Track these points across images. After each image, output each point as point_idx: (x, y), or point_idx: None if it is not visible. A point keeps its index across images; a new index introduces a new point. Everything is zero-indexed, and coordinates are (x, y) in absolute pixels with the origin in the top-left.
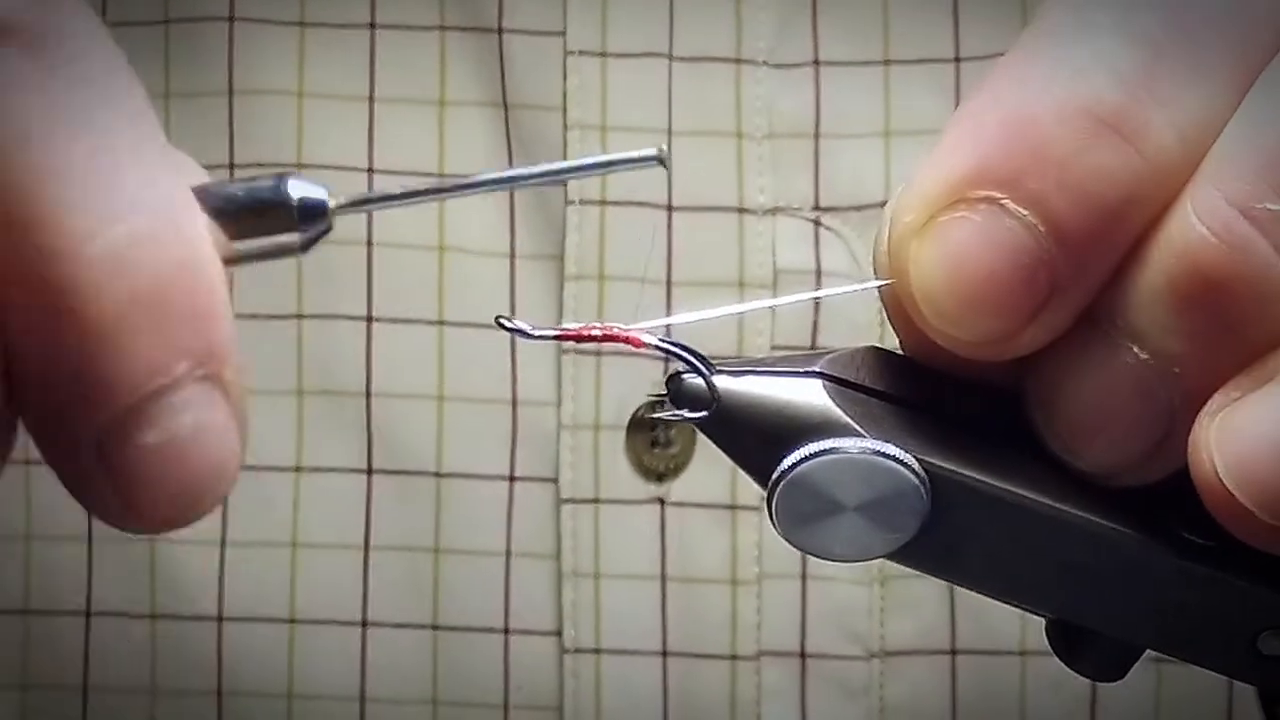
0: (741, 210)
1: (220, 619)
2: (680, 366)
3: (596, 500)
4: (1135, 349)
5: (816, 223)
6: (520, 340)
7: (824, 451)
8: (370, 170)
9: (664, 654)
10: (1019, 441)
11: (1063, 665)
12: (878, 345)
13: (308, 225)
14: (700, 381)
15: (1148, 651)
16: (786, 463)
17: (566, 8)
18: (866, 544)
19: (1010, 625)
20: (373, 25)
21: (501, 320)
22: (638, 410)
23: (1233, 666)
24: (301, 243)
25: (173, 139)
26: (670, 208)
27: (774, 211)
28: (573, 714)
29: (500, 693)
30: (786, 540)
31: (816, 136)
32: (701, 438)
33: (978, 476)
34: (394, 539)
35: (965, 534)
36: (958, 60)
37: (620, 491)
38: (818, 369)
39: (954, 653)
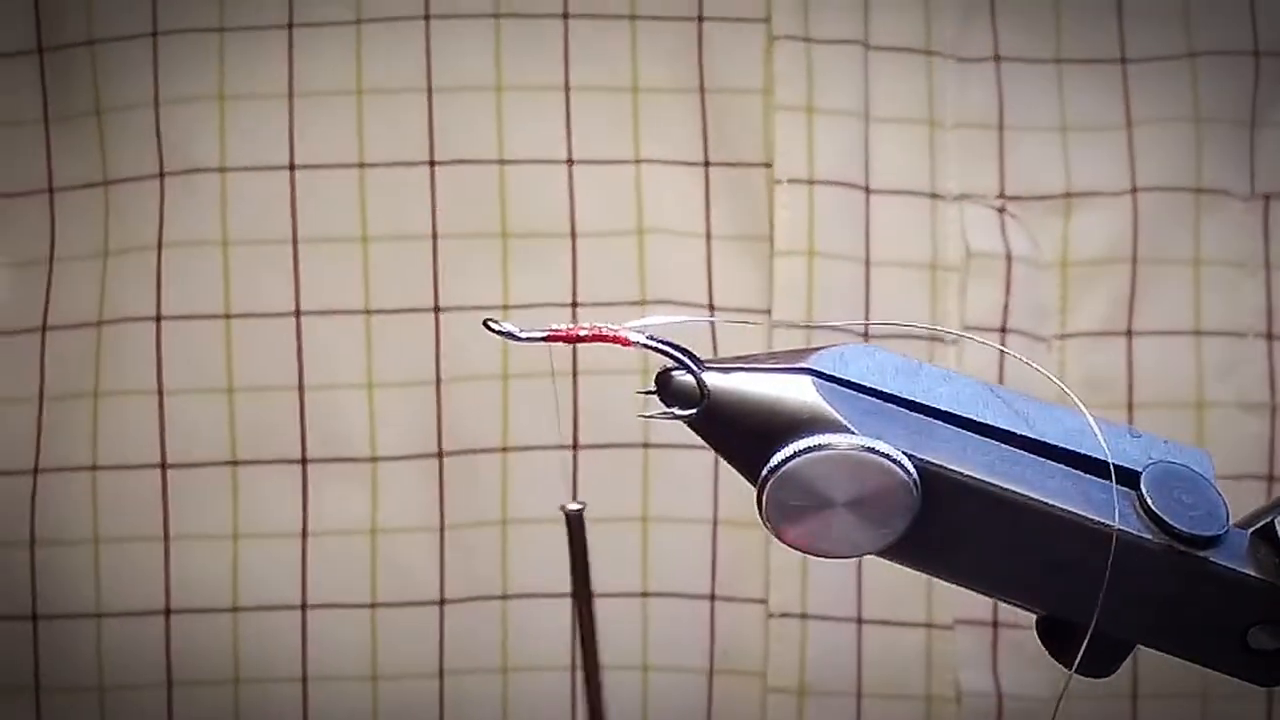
0: (934, 195)
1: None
2: (669, 363)
3: None
4: None
5: (1001, 210)
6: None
7: (814, 448)
8: (570, 162)
9: (859, 621)
10: (1009, 439)
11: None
12: (867, 343)
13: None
14: (690, 378)
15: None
16: (776, 459)
17: None
18: (857, 540)
19: None
20: (566, 15)
21: (489, 324)
22: None
23: (1222, 661)
24: None
25: (368, 134)
26: (868, 190)
27: (962, 198)
28: (776, 678)
29: (707, 657)
30: (777, 537)
31: (1000, 128)
32: None
33: (968, 473)
34: (601, 512)
35: (956, 530)
36: (1123, 62)
37: None
38: (807, 366)
39: None
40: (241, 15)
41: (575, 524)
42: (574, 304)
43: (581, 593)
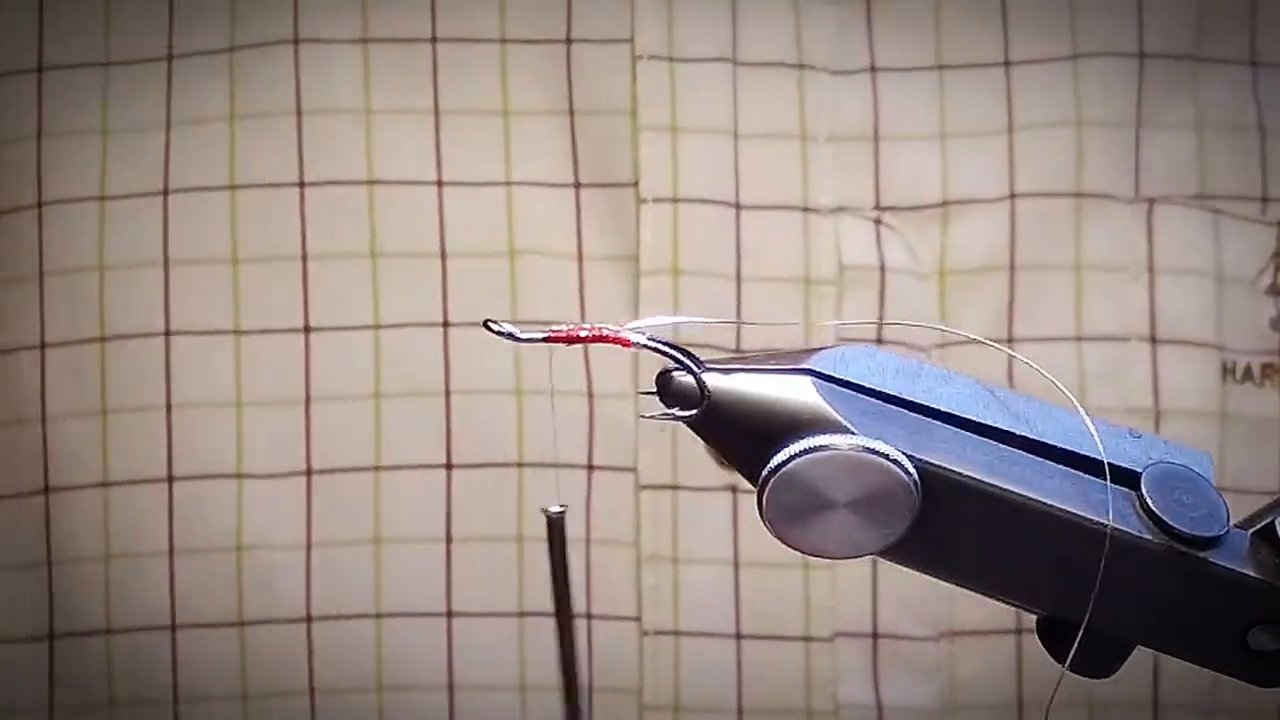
0: (806, 209)
1: (309, 620)
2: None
3: (674, 487)
4: None
5: (877, 221)
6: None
7: (814, 448)
8: (440, 184)
9: (738, 636)
10: (1009, 439)
11: None
12: (867, 344)
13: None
14: (690, 379)
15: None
16: (777, 460)
17: (635, 15)
18: (858, 541)
19: None
20: (434, 39)
21: (489, 324)
22: None
23: (1223, 661)
24: None
25: (239, 157)
26: (738, 206)
27: (837, 211)
28: (652, 695)
29: (585, 675)
30: (777, 537)
31: (876, 139)
32: None
33: (968, 474)
34: (475, 530)
35: (956, 531)
36: (1007, 65)
37: (696, 479)
38: (807, 366)
39: (1019, 632)
40: (122, 49)
41: (555, 528)
42: (445, 324)
43: (562, 596)
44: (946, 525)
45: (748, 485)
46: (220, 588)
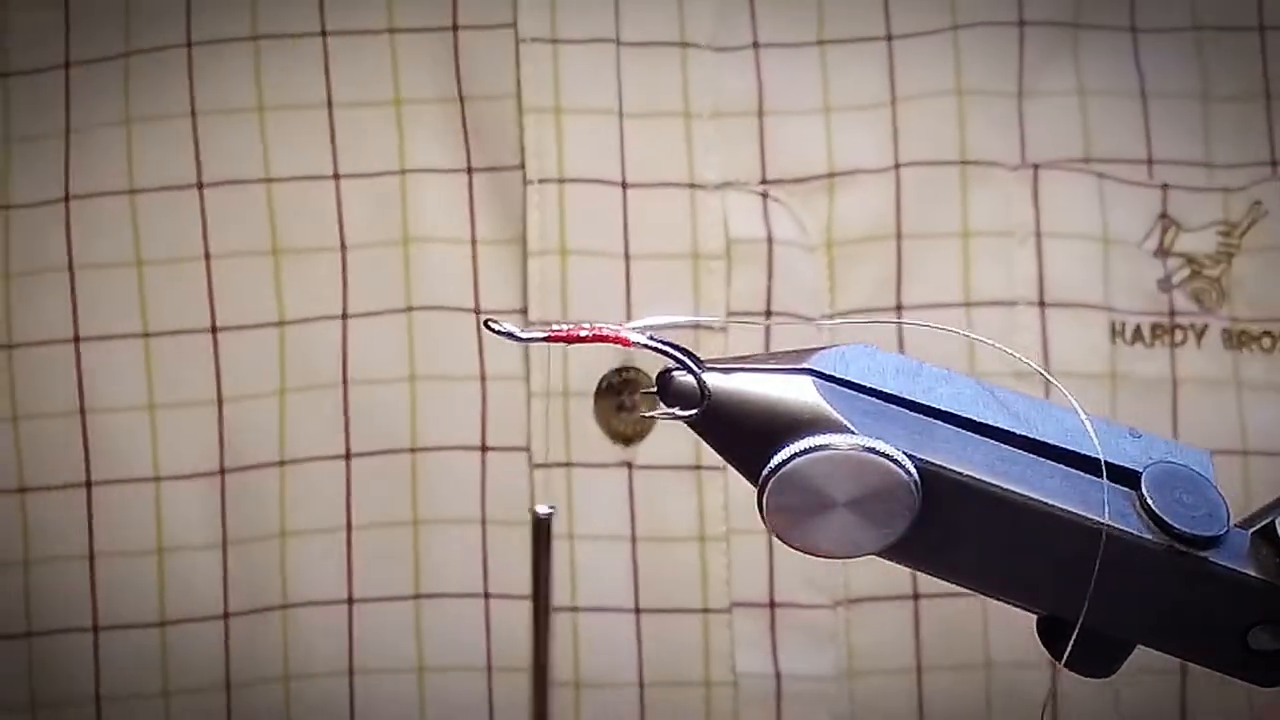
0: (693, 186)
1: (226, 616)
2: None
3: (568, 464)
4: None
5: (764, 195)
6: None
7: (814, 448)
8: (336, 176)
9: (638, 611)
10: (1009, 439)
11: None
12: (868, 344)
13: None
14: (690, 379)
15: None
16: (777, 459)
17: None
18: (857, 540)
19: None
20: (324, 33)
21: (490, 324)
22: (604, 377)
23: (1223, 661)
24: None
25: (136, 160)
26: (625, 185)
27: (723, 186)
28: (552, 672)
29: (484, 656)
30: (778, 537)
31: (760, 114)
32: None
33: (968, 473)
34: (374, 517)
35: (956, 530)
36: (889, 38)
37: (590, 456)
38: (808, 366)
39: (916, 597)
40: (19, 58)
41: (542, 528)
42: (344, 315)
43: (542, 596)
44: (947, 525)
45: (643, 460)
46: (141, 589)
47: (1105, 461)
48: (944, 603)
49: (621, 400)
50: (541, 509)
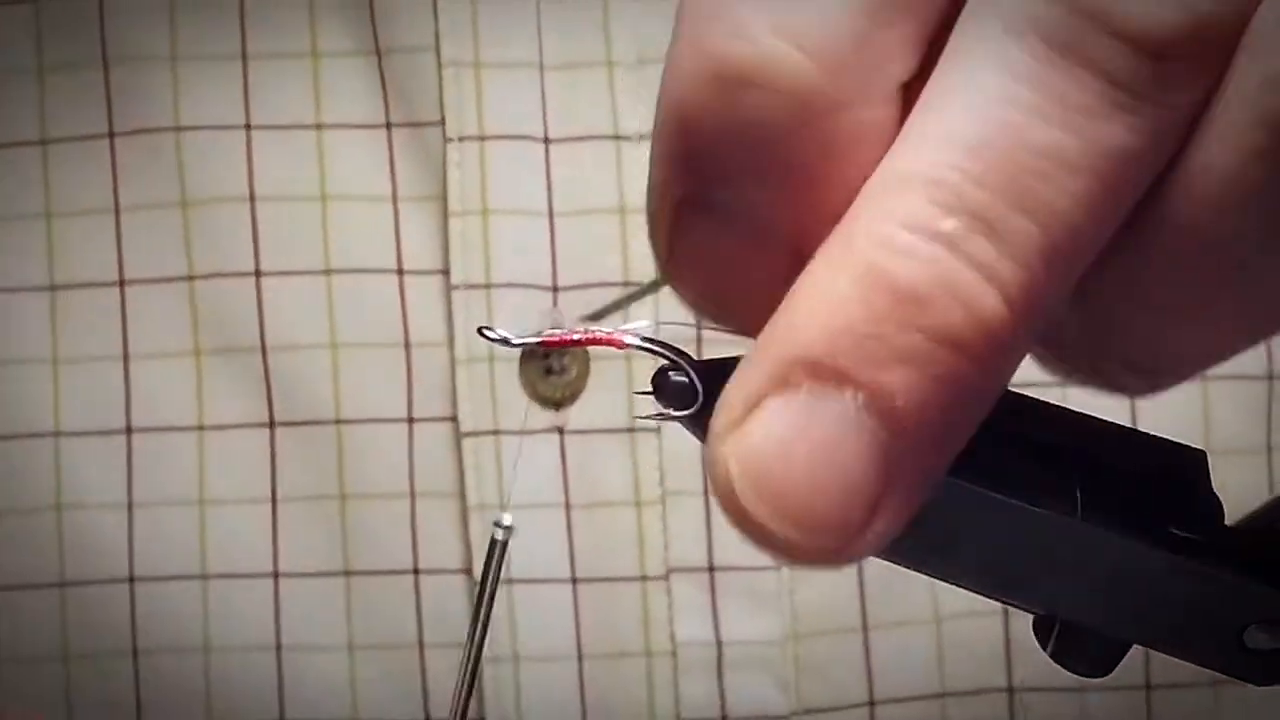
0: (618, 138)
1: (132, 580)
2: (666, 364)
3: (496, 432)
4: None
5: None
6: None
7: None
8: (248, 127)
9: (574, 580)
10: (1009, 440)
11: None
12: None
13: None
14: (685, 379)
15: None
16: None
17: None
18: None
19: None
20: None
21: (484, 331)
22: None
23: (1219, 661)
24: None
25: (49, 111)
26: (547, 140)
27: (649, 136)
28: (489, 645)
29: (415, 632)
30: None
31: None
32: (595, 362)
33: (966, 475)
34: (299, 489)
35: (954, 532)
36: None
37: (518, 422)
38: None
39: None
40: None
41: (497, 551)
42: (257, 273)
43: (483, 622)
44: (944, 527)
45: (573, 426)
46: (39, 548)
47: (1103, 461)
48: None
49: (549, 364)
50: (499, 530)
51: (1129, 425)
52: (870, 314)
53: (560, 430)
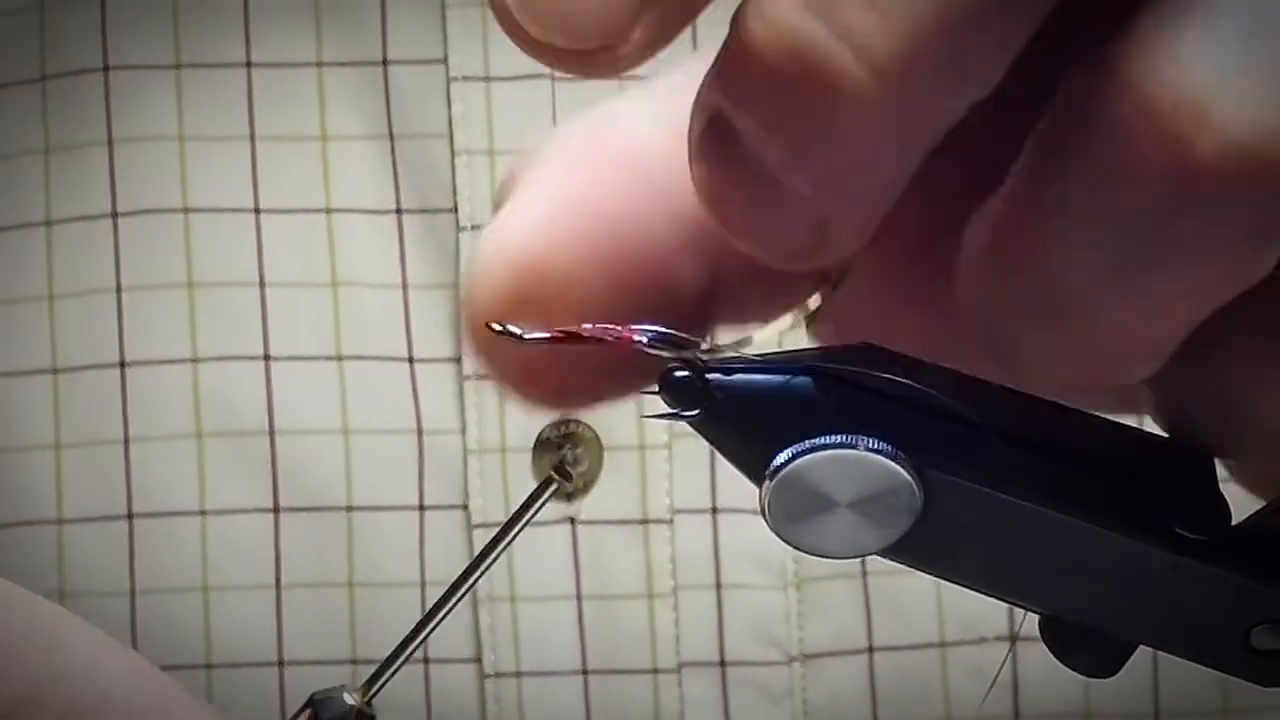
0: None
1: None
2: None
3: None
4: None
5: None
6: (516, 345)
7: (816, 448)
8: (257, 210)
9: (584, 672)
10: (1014, 439)
11: (981, 652)
12: (872, 343)
13: None
14: (692, 379)
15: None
16: (779, 460)
17: (447, 35)
18: (859, 540)
19: (927, 619)
20: (249, 64)
21: (491, 325)
22: (543, 431)
23: (1225, 661)
24: None
25: (54, 193)
26: None
27: None
28: None
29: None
30: (778, 536)
31: None
32: (609, 453)
33: (970, 474)
34: (306, 576)
35: (958, 531)
36: None
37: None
38: (811, 365)
39: (871, 650)
40: None
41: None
42: (266, 357)
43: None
44: (949, 526)
45: (587, 516)
46: None
47: (1107, 460)
48: (901, 656)
49: (563, 455)
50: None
51: (1135, 424)
52: None
53: (573, 520)
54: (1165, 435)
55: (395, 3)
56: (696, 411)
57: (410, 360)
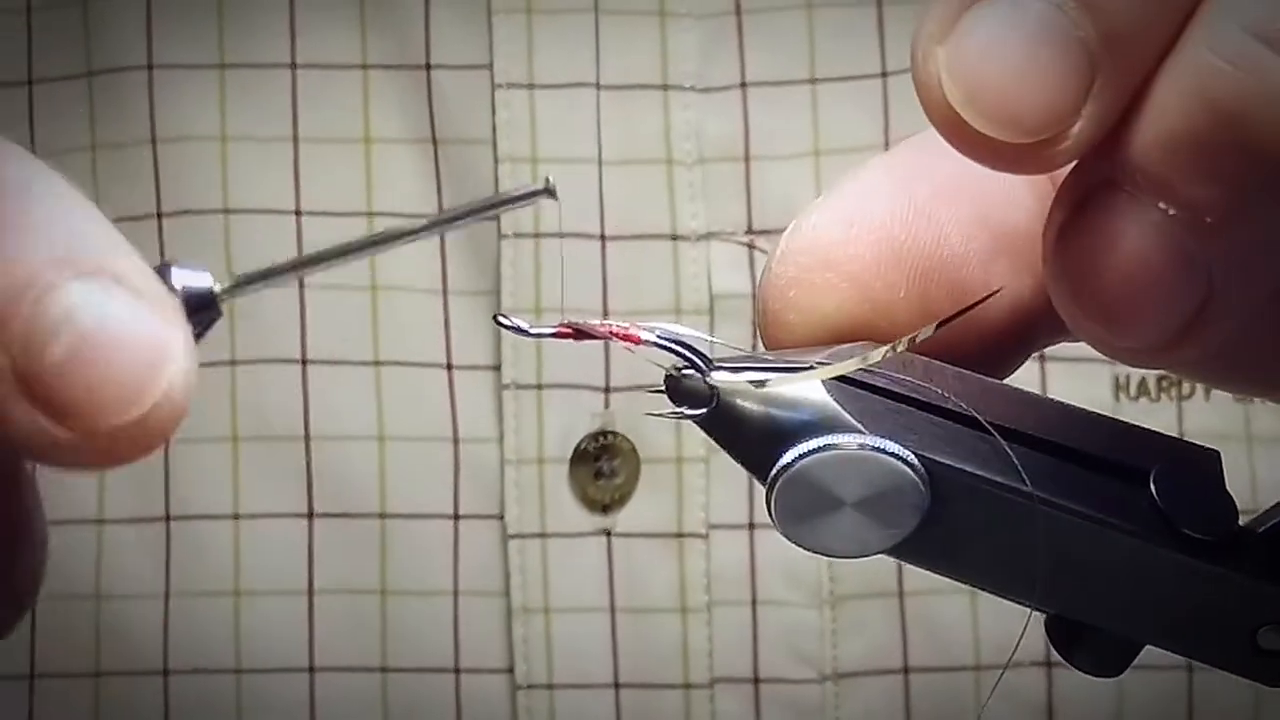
0: (675, 237)
1: (166, 673)
2: (679, 363)
3: (543, 535)
4: (1161, 204)
5: (750, 246)
6: (519, 337)
7: (823, 448)
8: (298, 212)
9: (616, 686)
10: (1020, 438)
11: (1017, 676)
12: (875, 342)
13: (195, 315)
14: (699, 378)
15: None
16: (785, 459)
17: (493, 40)
18: (865, 540)
19: (963, 641)
20: (294, 65)
21: (499, 318)
22: (580, 442)
23: (1232, 661)
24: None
25: (99, 190)
26: (604, 237)
27: (707, 237)
28: None
29: None
30: (785, 536)
31: (747, 159)
32: (645, 466)
33: (977, 473)
34: (338, 582)
35: (964, 530)
36: (884, 75)
37: (566, 525)
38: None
39: (906, 671)
40: None
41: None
42: (304, 361)
43: None
44: (955, 525)
45: (621, 529)
46: (78, 637)
47: (1114, 461)
48: (934, 677)
49: (599, 467)
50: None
51: (1143, 425)
52: None
53: (608, 533)
54: (1172, 436)
55: (439, 6)
56: (703, 411)
57: (449, 367)
